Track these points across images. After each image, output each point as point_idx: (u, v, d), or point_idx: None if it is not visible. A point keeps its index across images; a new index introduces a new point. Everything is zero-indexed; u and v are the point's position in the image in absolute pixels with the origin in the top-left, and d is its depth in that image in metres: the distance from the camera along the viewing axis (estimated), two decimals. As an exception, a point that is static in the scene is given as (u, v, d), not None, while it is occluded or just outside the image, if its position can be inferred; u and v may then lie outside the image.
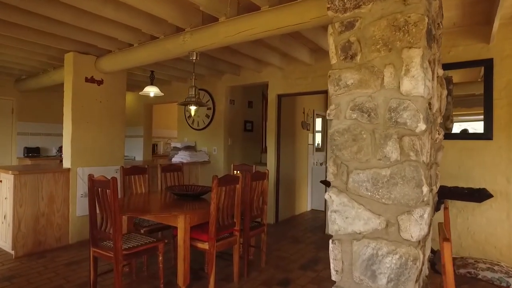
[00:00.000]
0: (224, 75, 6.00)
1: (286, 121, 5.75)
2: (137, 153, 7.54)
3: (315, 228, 5.23)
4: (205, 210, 2.89)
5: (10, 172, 3.67)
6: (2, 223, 3.96)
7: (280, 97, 5.51)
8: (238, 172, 4.39)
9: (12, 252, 3.77)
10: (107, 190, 2.51)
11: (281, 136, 5.56)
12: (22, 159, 6.30)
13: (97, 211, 2.70)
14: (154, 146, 8.13)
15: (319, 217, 6.01)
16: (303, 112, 6.51)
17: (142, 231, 3.24)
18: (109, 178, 2.48)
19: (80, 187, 4.20)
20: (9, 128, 6.39)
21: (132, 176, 3.63)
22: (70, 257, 3.79)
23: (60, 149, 6.71)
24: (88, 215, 2.72)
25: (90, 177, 2.65)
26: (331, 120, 1.91)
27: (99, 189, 2.59)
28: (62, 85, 4.44)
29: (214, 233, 2.80)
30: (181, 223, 2.74)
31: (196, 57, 3.36)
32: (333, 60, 1.91)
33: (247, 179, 3.17)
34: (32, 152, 6.37)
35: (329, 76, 1.92)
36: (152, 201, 3.25)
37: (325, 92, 4.95)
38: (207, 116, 6.16)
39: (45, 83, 5.57)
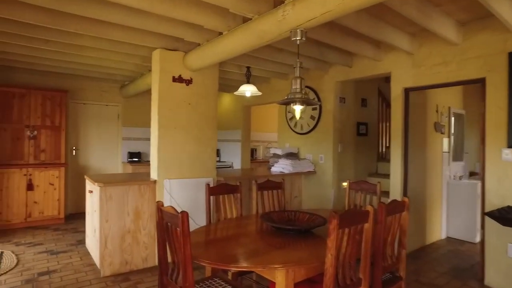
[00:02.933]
0: (332, 67, 4.93)
1: (414, 122, 4.39)
2: (235, 159, 7.01)
3: (462, 271, 3.75)
4: (316, 257, 1.93)
5: (96, 183, 3.32)
6: (94, 236, 3.69)
7: (407, 91, 4.19)
8: (348, 188, 3.32)
9: (101, 270, 3.43)
10: (177, 229, 1.75)
11: (409, 141, 4.23)
12: (125, 164, 6.33)
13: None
14: (253, 151, 7.52)
15: (461, 251, 4.45)
16: (436, 111, 4.99)
17: (229, 274, 2.45)
18: (178, 213, 1.71)
19: (167, 202, 3.67)
20: (116, 134, 6.50)
21: (221, 196, 2.89)
22: (154, 284, 3.26)
23: (160, 154, 6.58)
24: (157, 256, 2.02)
25: (159, 206, 1.93)
26: None
27: (168, 224, 1.86)
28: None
29: (331, 299, 1.81)
30: (281, 280, 1.83)
31: (302, 37, 2.42)
32: None
33: (380, 214, 2.08)
34: (134, 157, 6.36)
35: None
36: (242, 237, 2.41)
37: (479, 81, 3.48)
38: (312, 117, 5.18)
39: (142, 87, 5.36)
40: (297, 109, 2.49)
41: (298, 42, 2.45)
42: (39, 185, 5.19)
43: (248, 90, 4.76)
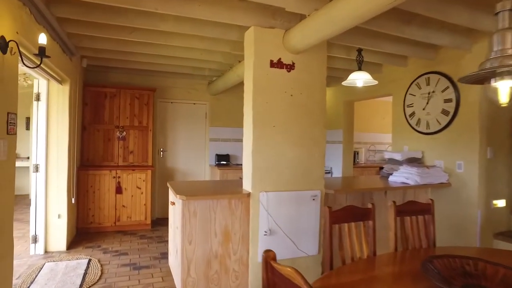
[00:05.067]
0: (479, 42, 3.60)
1: None
2: (334, 164, 6.00)
3: None
4: None
5: (178, 195, 2.69)
6: (176, 258, 3.10)
7: None
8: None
9: (183, 301, 2.81)
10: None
11: None
12: (213, 167, 5.82)
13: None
14: (354, 154, 6.40)
15: None
16: None
17: None
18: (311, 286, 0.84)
19: (264, 220, 2.89)
20: (203, 134, 6.05)
21: (347, 225, 1.96)
22: (247, 332, 2.50)
23: (249, 157, 5.92)
24: None
25: (268, 260, 1.10)
26: None
27: (286, 297, 1.01)
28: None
29: None
30: None
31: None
32: None
33: None
34: (222, 160, 5.81)
35: None
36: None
37: None
38: (445, 112, 3.91)
39: (231, 81, 4.74)
40: (505, 87, 1.42)
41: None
42: (127, 189, 4.93)
43: (360, 78, 3.76)
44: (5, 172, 2.11)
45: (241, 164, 5.97)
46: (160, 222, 5.47)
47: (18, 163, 6.83)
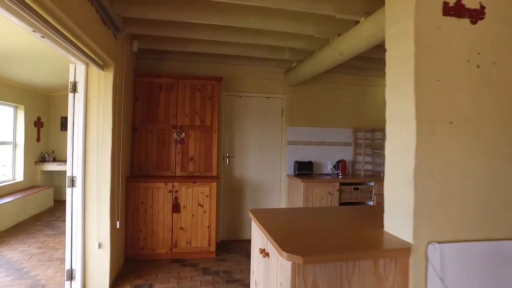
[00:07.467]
0: None
1: None
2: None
3: None
4: None
5: (285, 254, 1.46)
6: None
7: None
8: None
9: None
10: None
11: None
12: (292, 178, 4.55)
13: None
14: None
15: None
16: None
17: None
18: None
19: (435, 298, 1.55)
20: (279, 136, 4.82)
21: None
22: None
23: (337, 165, 4.58)
24: None
25: None
26: None
27: None
28: (345, 68, 2.10)
29: None
30: None
31: None
32: None
33: None
34: (303, 169, 4.54)
35: None
36: None
37: None
38: None
39: (327, 63, 3.44)
40: None
41: None
42: (186, 206, 3.86)
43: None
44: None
45: (327, 174, 4.66)
46: (226, 247, 4.34)
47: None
